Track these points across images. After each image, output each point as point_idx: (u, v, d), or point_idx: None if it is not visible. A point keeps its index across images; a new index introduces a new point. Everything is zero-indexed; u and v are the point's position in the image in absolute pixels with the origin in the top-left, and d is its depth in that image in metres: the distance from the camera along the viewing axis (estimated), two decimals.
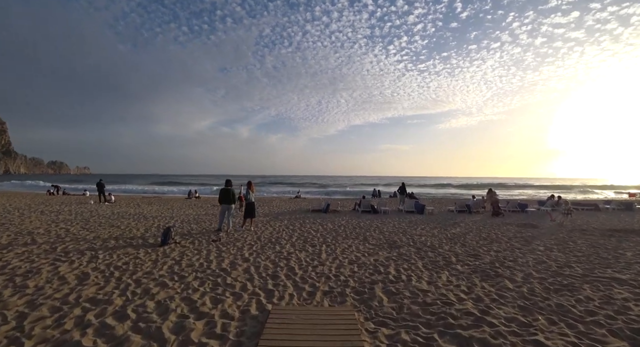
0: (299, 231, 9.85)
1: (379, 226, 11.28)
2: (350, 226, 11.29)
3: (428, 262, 6.29)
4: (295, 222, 12.04)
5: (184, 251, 6.96)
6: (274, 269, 5.68)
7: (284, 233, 9.45)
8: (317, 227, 10.85)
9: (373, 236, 9.30)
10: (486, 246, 7.97)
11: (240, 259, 6.33)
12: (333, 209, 16.61)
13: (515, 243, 8.43)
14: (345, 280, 5.06)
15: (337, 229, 10.38)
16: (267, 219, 12.68)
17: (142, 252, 6.79)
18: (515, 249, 7.69)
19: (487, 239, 9.09)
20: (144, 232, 9.22)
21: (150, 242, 7.88)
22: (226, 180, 9.77)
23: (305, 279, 5.13)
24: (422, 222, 12.45)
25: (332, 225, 11.38)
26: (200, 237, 8.61)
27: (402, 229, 10.64)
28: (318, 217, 13.58)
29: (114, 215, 13.37)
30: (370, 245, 7.93)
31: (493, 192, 16.40)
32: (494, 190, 16.62)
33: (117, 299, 4.16)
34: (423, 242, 8.44)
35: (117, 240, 8.04)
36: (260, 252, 6.89)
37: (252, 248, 7.32)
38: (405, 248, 7.62)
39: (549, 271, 5.75)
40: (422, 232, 10.17)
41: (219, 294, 4.37)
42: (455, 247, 7.87)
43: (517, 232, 10.31)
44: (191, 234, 9.20)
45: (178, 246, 7.48)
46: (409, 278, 5.19)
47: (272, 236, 9.02)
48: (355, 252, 7.04)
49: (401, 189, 18.89)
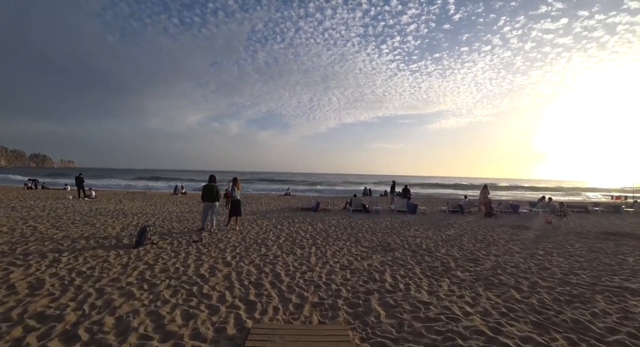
0: (287, 231, 9.30)
1: (371, 226, 10.82)
2: (341, 226, 10.80)
3: (426, 267, 5.83)
4: (283, 221, 11.48)
5: (160, 253, 6.33)
6: (258, 275, 5.12)
7: (271, 233, 8.88)
8: (307, 227, 10.31)
9: (365, 237, 8.82)
10: (484, 250, 7.58)
11: (222, 263, 5.75)
12: (323, 208, 16.11)
13: (514, 246, 8.08)
14: (337, 289, 4.54)
15: (328, 230, 9.87)
16: (254, 218, 12.08)
17: (113, 254, 6.14)
18: (515, 253, 7.32)
19: (483, 241, 8.72)
20: (119, 231, 8.53)
21: (124, 242, 7.21)
22: (210, 176, 9.13)
23: (292, 287, 4.59)
24: (415, 223, 12.05)
25: (322, 225, 10.87)
26: (180, 237, 7.98)
27: (396, 230, 10.20)
28: (307, 216, 13.05)
29: (91, 212, 12.56)
30: (363, 247, 7.44)
31: (487, 190, 16.10)
32: (488, 187, 16.34)
33: (71, 314, 3.54)
34: (418, 244, 8.00)
35: (87, 240, 7.34)
36: (244, 255, 6.32)
37: (236, 250, 6.74)
38: (400, 251, 7.16)
39: (555, 278, 5.36)
40: (416, 233, 9.75)
41: (193, 307, 3.79)
42: (453, 250, 7.46)
43: (513, 235, 10.00)
44: (171, 233, 8.55)
45: (154, 247, 6.84)
46: (407, 287, 4.71)
47: (258, 236, 8.45)
48: (348, 256, 6.54)
49: (392, 188, 18.65)
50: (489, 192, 16.24)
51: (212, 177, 9.09)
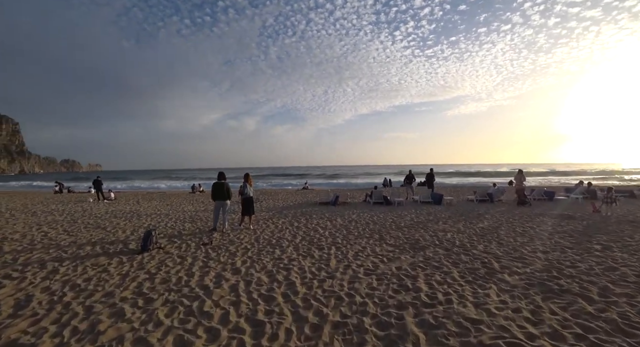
0: (304, 229, 8.62)
1: (395, 220, 9.98)
2: (362, 220, 10.02)
3: (465, 270, 4.99)
4: (300, 217, 10.82)
5: (165, 259, 5.79)
6: (270, 284, 4.45)
7: (287, 232, 8.23)
8: (325, 223, 9.60)
9: (390, 233, 8.01)
10: (528, 245, 6.62)
11: (230, 270, 5.13)
12: (342, 201, 15.35)
13: (562, 240, 7.05)
14: (362, 302, 3.80)
15: (348, 226, 9.12)
16: (269, 215, 11.49)
17: (115, 262, 5.65)
18: (566, 248, 6.32)
19: (524, 235, 7.73)
20: (129, 235, 8.13)
21: (130, 247, 6.75)
22: (219, 173, 8.55)
23: (308, 301, 3.88)
24: (442, 215, 11.10)
25: (341, 220, 10.13)
26: (190, 240, 7.47)
27: (422, 224, 9.32)
28: (326, 211, 12.35)
29: (107, 214, 12.37)
30: (388, 246, 6.65)
31: (523, 175, 14.77)
32: (523, 171, 15.01)
33: (46, 342, 2.99)
34: (450, 240, 7.13)
35: (94, 246, 6.94)
36: (256, 260, 5.68)
37: (247, 253, 6.11)
38: (431, 249, 6.32)
39: (629, 282, 4.39)
40: (445, 227, 8.84)
41: (189, 331, 3.16)
42: (491, 246, 6.55)
43: (556, 226, 8.90)
44: (182, 235, 8.06)
45: (161, 252, 6.33)
46: (447, 298, 3.90)
47: (273, 235, 7.82)
48: (372, 257, 5.78)
49: (408, 178, 17.60)
50: (525, 177, 14.90)
51: (221, 174, 8.50)
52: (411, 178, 17.40)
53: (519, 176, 14.53)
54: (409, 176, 17.58)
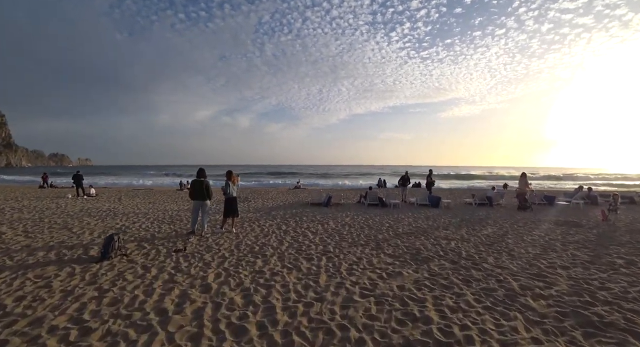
0: (292, 234, 7.78)
1: (392, 225, 9.20)
2: (356, 224, 9.22)
3: (480, 291, 4.20)
4: (290, 219, 9.97)
5: (126, 270, 4.90)
6: (244, 309, 3.60)
7: (273, 237, 7.37)
8: (316, 227, 8.77)
9: (388, 240, 7.22)
10: (544, 258, 5.89)
11: (199, 286, 4.26)
12: (335, 202, 14.53)
13: (578, 253, 6.34)
14: (358, 339, 2.97)
15: (341, 230, 8.30)
16: (256, 216, 10.62)
17: (65, 273, 4.74)
18: (587, 263, 5.59)
19: (535, 245, 7.01)
20: (95, 238, 7.19)
21: (91, 254, 5.83)
22: (199, 169, 7.64)
23: (289, 335, 3.05)
24: (442, 219, 10.36)
25: (334, 224, 9.31)
26: (163, 244, 6.57)
27: (422, 230, 8.56)
28: (318, 213, 11.52)
29: (81, 212, 11.36)
30: (387, 256, 5.84)
31: (527, 178, 14.11)
32: (526, 174, 14.36)
33: None
34: (455, 250, 6.36)
35: (48, 251, 6.00)
36: (233, 273, 4.82)
37: (224, 264, 5.24)
38: (436, 262, 5.54)
39: None
40: (447, 233, 8.09)
41: None
42: (502, 259, 5.80)
43: (566, 235, 8.22)
44: (154, 238, 7.15)
45: (124, 260, 5.44)
46: (465, 333, 3.10)
47: (257, 241, 6.96)
48: (369, 271, 4.96)
49: (403, 179, 16.80)
50: (529, 181, 14.25)
51: (201, 171, 7.60)
52: (406, 180, 16.60)
53: (522, 180, 13.88)
54: (404, 178, 16.77)
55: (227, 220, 8.05)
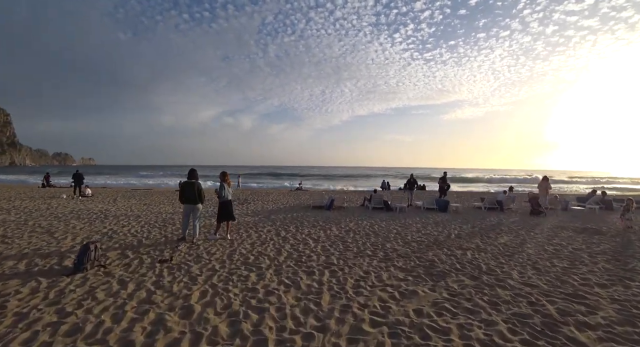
0: (292, 241, 7.12)
1: (400, 232, 8.52)
2: (361, 230, 8.55)
3: (512, 317, 3.52)
4: (289, 224, 9.32)
5: (98, 286, 4.26)
6: (229, 342, 2.94)
7: (271, 245, 6.72)
8: (318, 233, 8.11)
9: (397, 250, 6.55)
10: (574, 273, 5.20)
11: (179, 309, 3.60)
12: (338, 205, 13.88)
13: (611, 266, 5.65)
14: None
15: (345, 237, 7.64)
16: (255, 220, 9.97)
17: (28, 289, 4.11)
18: (626, 280, 4.91)
19: (559, 256, 6.33)
20: (77, 244, 6.56)
21: (65, 264, 5.20)
22: (190, 170, 7.00)
23: None
24: (452, 226, 9.68)
25: (337, 229, 8.64)
26: (149, 252, 5.94)
27: (433, 237, 7.88)
28: (320, 217, 10.86)
29: (71, 214, 10.77)
30: (397, 270, 5.18)
31: (549, 182, 13.42)
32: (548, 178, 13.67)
33: None
34: (473, 263, 5.68)
35: (19, 260, 5.37)
36: (221, 290, 4.16)
37: (212, 279, 4.60)
38: (453, 277, 4.87)
39: None
40: (460, 242, 7.41)
41: None
42: (528, 273, 5.12)
43: (589, 243, 7.54)
44: (141, 245, 6.53)
45: (100, 272, 4.80)
46: None
47: (253, 249, 6.32)
48: (379, 289, 4.29)
49: (410, 182, 15.99)
50: (551, 185, 13.55)
51: (192, 172, 6.97)
52: (413, 183, 15.83)
53: (544, 183, 13.16)
54: (410, 181, 16.02)
55: (221, 225, 7.42)
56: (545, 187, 13.12)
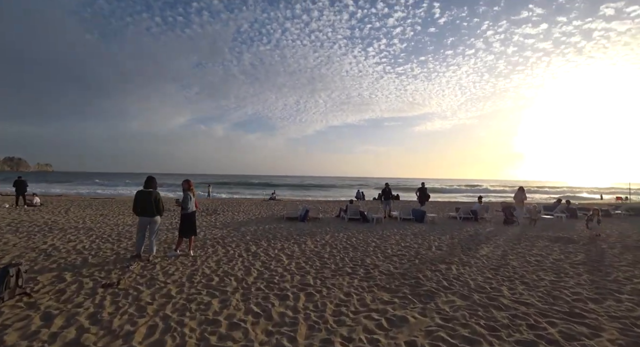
0: (263, 258, 6.42)
1: (379, 245, 8.06)
2: (339, 244, 8.00)
3: (516, 346, 3.09)
4: (261, 238, 8.59)
5: (14, 322, 3.36)
6: None
7: (239, 263, 5.98)
8: (292, 247, 7.46)
9: (378, 265, 6.04)
10: (564, 287, 4.93)
11: None
12: (313, 216, 13.27)
13: (596, 278, 5.48)
14: None
15: (321, 252, 7.05)
16: (223, 233, 9.13)
17: None
18: (615, 293, 4.69)
19: (543, 267, 6.12)
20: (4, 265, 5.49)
21: None
22: (147, 178, 6.15)
23: None
24: (431, 237, 9.38)
25: (312, 243, 8.03)
26: (92, 275, 5.02)
27: (414, 250, 7.48)
28: (294, 229, 10.21)
29: (8, 226, 9.38)
30: (382, 290, 4.65)
31: (524, 193, 13.58)
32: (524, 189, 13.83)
33: None
34: (460, 279, 5.29)
35: None
36: (175, 324, 3.42)
37: (166, 308, 3.82)
38: (443, 297, 4.41)
39: None
40: (442, 255, 7.06)
41: None
42: (518, 288, 4.79)
43: (567, 253, 7.49)
44: (85, 265, 5.56)
45: (22, 302, 3.88)
46: None
47: (218, 268, 5.55)
48: (363, 315, 3.72)
49: (385, 192, 15.12)
50: (526, 196, 13.73)
51: (150, 180, 6.13)
52: (388, 193, 15.13)
53: (519, 193, 13.30)
54: (386, 191, 15.30)
55: (182, 240, 6.58)
56: (521, 198, 13.29)
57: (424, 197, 15.14)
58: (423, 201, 15.05)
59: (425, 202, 15.47)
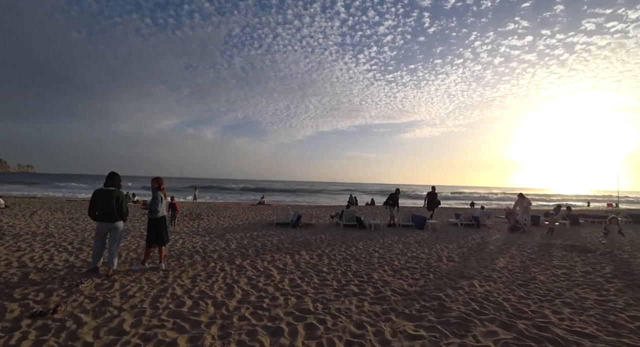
0: (249, 272, 5.35)
1: (383, 255, 7.09)
2: (337, 255, 6.98)
3: None
4: (248, 247, 7.50)
5: None
6: None
7: (220, 279, 4.90)
8: (284, 259, 6.41)
9: (388, 282, 5.05)
10: (615, 309, 4.05)
11: None
12: (305, 222, 12.23)
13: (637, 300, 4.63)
14: None
15: (319, 265, 6.02)
16: (204, 241, 8.00)
17: None
18: None
19: (577, 282, 5.27)
20: None
21: None
22: (109, 174, 5.03)
23: None
24: (436, 245, 8.48)
25: (307, 254, 6.99)
26: (25, 298, 3.87)
27: (424, 262, 6.54)
28: (285, 237, 9.14)
29: None
30: (401, 317, 3.64)
31: (527, 199, 12.89)
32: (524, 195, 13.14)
33: None
34: (488, 297, 4.35)
35: None
36: None
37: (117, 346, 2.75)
38: (479, 326, 3.43)
39: None
40: (458, 268, 6.13)
41: None
42: (565, 313, 3.87)
43: (591, 264, 6.76)
44: (20, 284, 4.38)
45: None
46: None
47: (194, 287, 4.47)
48: None
49: (393, 198, 13.10)
50: (530, 202, 13.04)
51: (111, 176, 5.00)
52: (397, 199, 13.14)
53: (520, 200, 12.60)
54: (395, 196, 13.18)
55: (150, 251, 5.45)
56: (525, 205, 12.60)
57: (432, 204, 13.66)
58: (432, 207, 13.68)
59: (435, 209, 14.12)
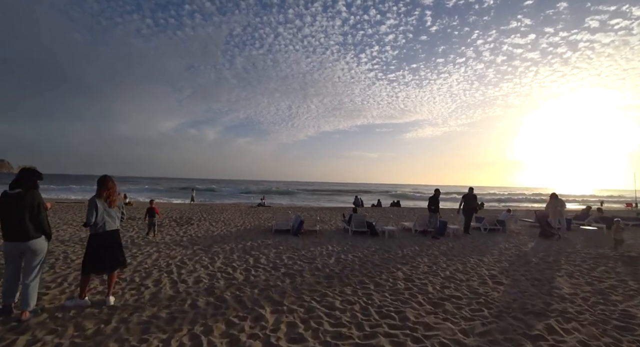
0: (233, 312, 3.79)
1: (409, 275, 5.49)
2: (351, 276, 5.39)
3: None
4: (238, 265, 5.92)
5: None
6: None
7: (183, 330, 3.34)
8: (282, 286, 4.83)
9: (429, 324, 3.45)
10: None
11: None
12: (308, 229, 10.65)
13: None
14: None
15: (328, 296, 4.43)
16: (183, 256, 6.43)
17: None
18: None
19: None
20: None
21: None
22: (21, 170, 3.50)
23: None
24: (469, 258, 6.88)
25: (312, 277, 5.39)
26: None
27: (465, 285, 4.95)
28: (285, 249, 7.57)
29: None
30: None
31: (559, 200, 11.23)
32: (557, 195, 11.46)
33: None
34: None
35: None
36: None
37: None
38: None
39: None
40: (511, 293, 4.54)
41: None
42: None
43: None
44: None
45: None
46: None
47: (142, 344, 2.92)
48: None
49: (435, 202, 10.71)
50: (564, 203, 11.38)
51: (25, 173, 3.48)
52: (438, 203, 10.82)
53: (553, 202, 10.97)
54: (435, 199, 10.77)
55: (89, 280, 3.90)
56: (556, 207, 10.92)
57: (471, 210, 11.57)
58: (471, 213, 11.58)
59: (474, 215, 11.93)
